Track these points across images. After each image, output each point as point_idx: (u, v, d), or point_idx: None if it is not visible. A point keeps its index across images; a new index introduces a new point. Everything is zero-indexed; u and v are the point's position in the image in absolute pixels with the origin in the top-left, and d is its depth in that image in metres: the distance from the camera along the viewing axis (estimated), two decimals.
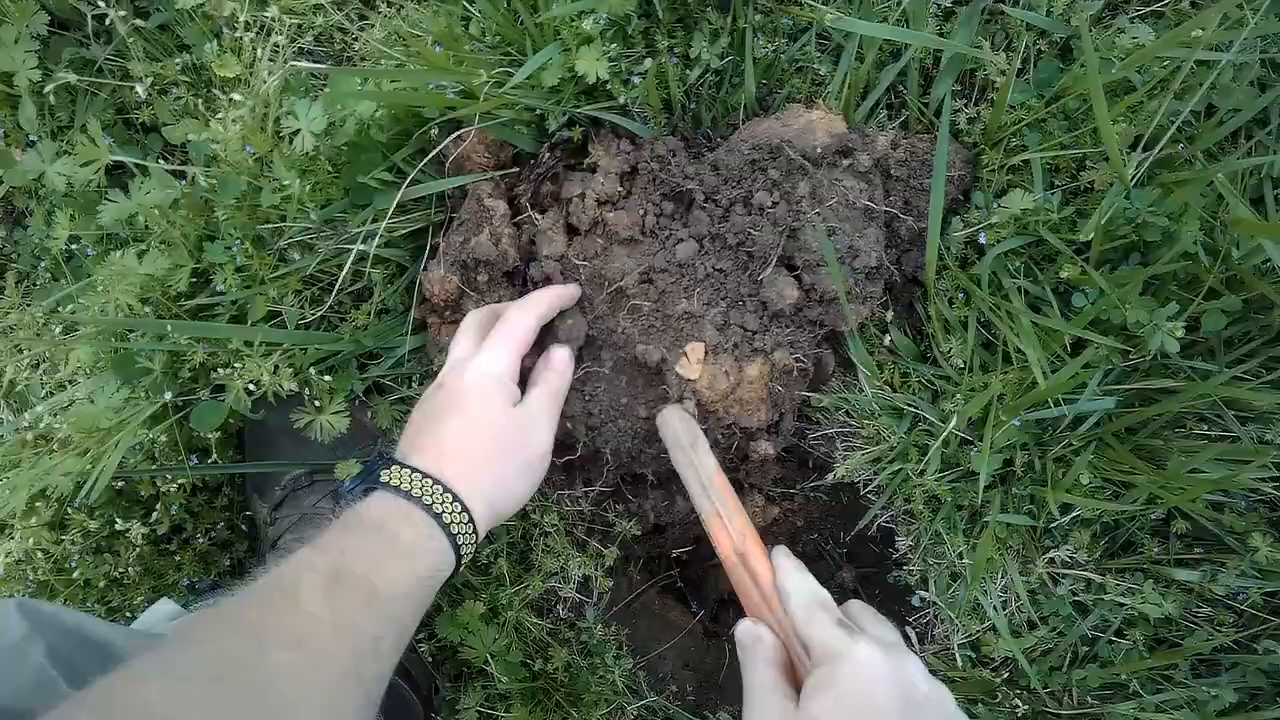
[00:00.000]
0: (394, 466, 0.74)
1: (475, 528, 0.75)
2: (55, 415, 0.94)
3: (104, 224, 0.91)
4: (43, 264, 1.08)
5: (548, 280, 0.96)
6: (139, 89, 0.93)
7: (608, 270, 0.95)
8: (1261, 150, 0.87)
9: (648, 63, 0.94)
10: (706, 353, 0.92)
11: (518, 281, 0.99)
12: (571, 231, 0.99)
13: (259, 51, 0.98)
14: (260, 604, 0.62)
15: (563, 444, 0.97)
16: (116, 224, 0.96)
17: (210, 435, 0.96)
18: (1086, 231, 0.85)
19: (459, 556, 0.74)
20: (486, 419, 0.81)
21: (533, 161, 0.99)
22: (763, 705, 0.68)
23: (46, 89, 0.91)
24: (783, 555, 0.81)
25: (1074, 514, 0.94)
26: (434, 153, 0.92)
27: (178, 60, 1.02)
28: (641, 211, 0.96)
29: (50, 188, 0.92)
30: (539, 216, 0.99)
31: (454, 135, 0.92)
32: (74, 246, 1.02)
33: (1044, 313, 0.90)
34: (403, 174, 0.95)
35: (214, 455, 0.99)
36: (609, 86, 0.94)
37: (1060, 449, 0.92)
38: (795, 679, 0.71)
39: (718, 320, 0.93)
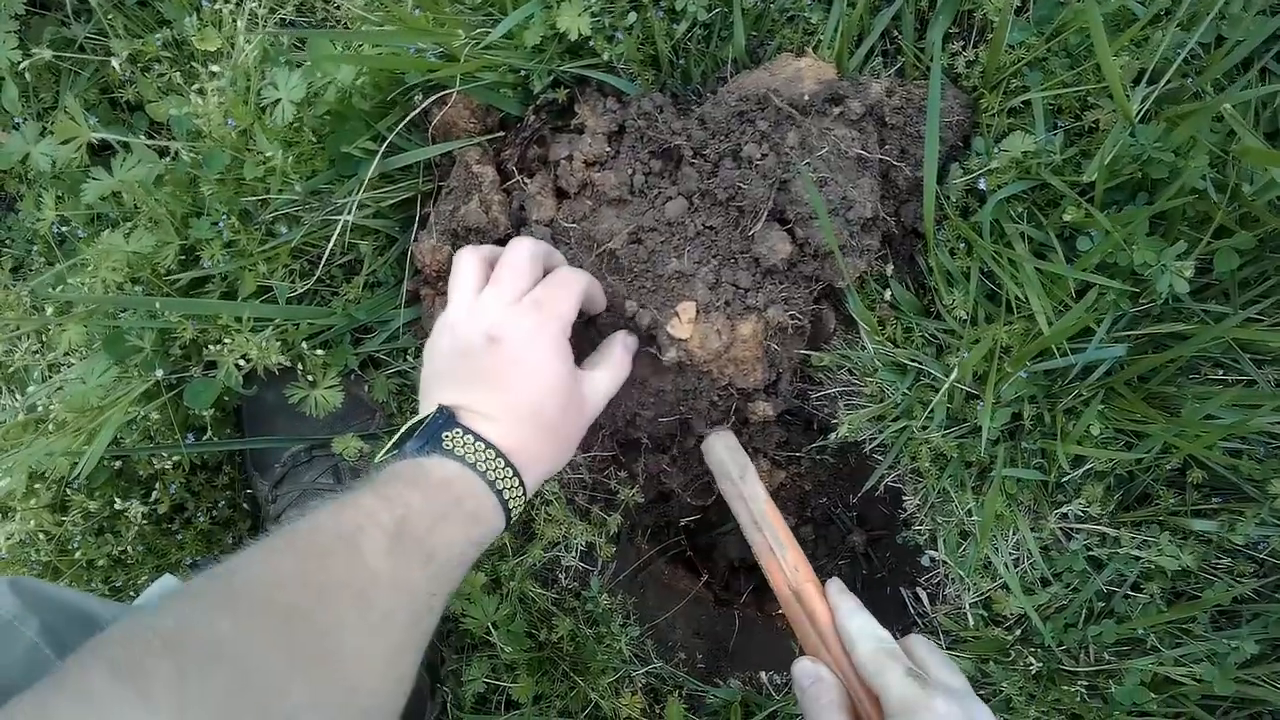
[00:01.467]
0: (457, 430, 0.72)
1: (525, 498, 0.76)
2: (50, 397, 0.94)
3: (88, 202, 0.90)
4: (35, 248, 1.08)
5: None
6: (115, 63, 0.92)
7: (597, 231, 0.93)
8: (1274, 80, 0.83)
9: (632, 17, 0.92)
10: (698, 312, 0.90)
11: None
12: (561, 194, 0.97)
13: (239, 24, 0.96)
14: (321, 552, 0.60)
15: None
16: (103, 203, 0.96)
17: (205, 413, 0.95)
18: (1090, 172, 0.82)
19: (507, 523, 0.74)
20: (556, 396, 0.77)
21: (519, 125, 0.97)
22: None
23: (23, 66, 0.90)
24: (841, 593, 0.80)
25: (1086, 467, 0.91)
26: (412, 114, 0.90)
27: (158, 36, 1.01)
28: (630, 170, 0.94)
29: (36, 169, 0.91)
30: (527, 181, 0.97)
31: (435, 97, 0.90)
32: (65, 229, 1.01)
33: (1048, 259, 0.87)
34: (389, 144, 0.93)
35: (210, 433, 0.98)
36: (593, 43, 0.91)
37: (1070, 400, 0.89)
38: None
39: (709, 278, 0.90)
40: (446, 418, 0.73)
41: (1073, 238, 0.86)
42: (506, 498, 0.72)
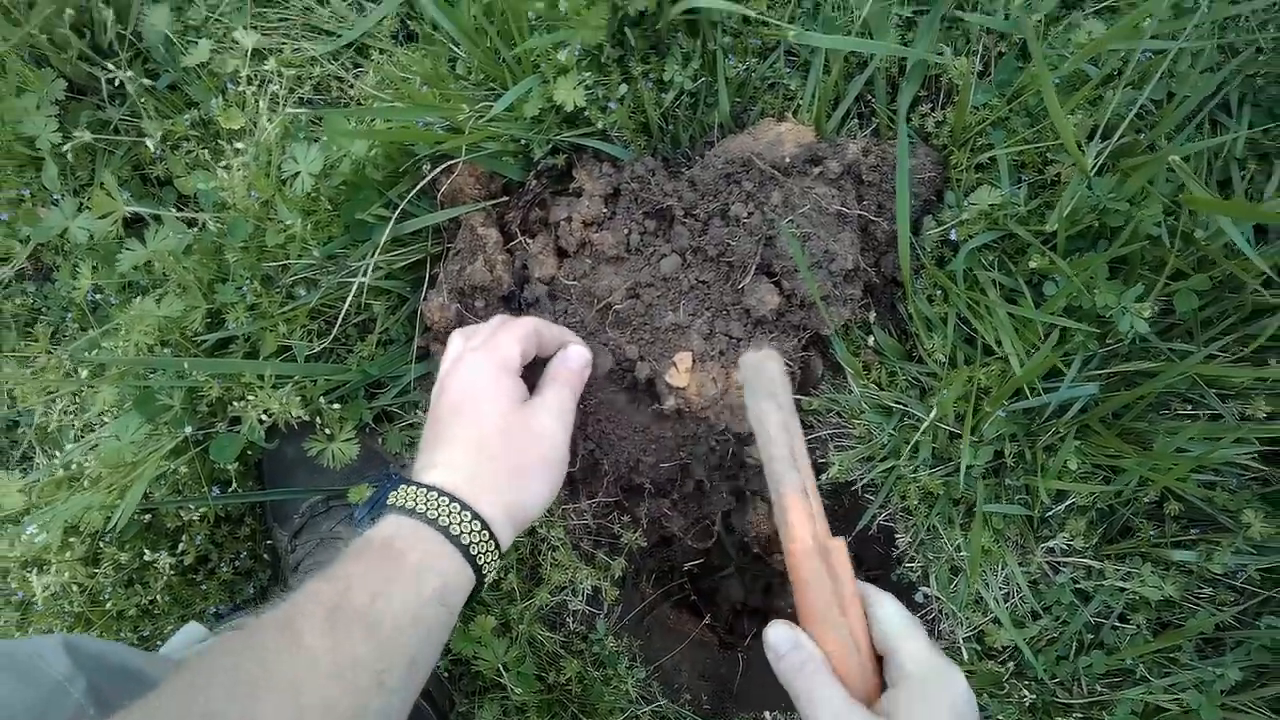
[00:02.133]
0: (402, 487, 0.70)
1: (495, 540, 0.71)
2: (85, 455, 1.00)
3: (123, 271, 0.97)
4: (70, 315, 1.15)
5: (538, 302, 1.00)
6: (149, 143, 1.00)
7: (596, 288, 0.99)
8: (1223, 132, 0.89)
9: (623, 88, 0.99)
10: (694, 361, 0.95)
11: (513, 305, 1.03)
12: (561, 254, 1.04)
13: (261, 104, 1.04)
14: (259, 646, 0.58)
15: None
16: (135, 271, 1.03)
17: (230, 466, 1.01)
18: (1052, 222, 0.87)
19: (480, 571, 0.70)
20: (493, 420, 0.75)
21: (521, 189, 1.04)
22: (833, 706, 0.63)
23: (66, 148, 0.98)
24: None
25: (1068, 501, 0.95)
26: (421, 184, 0.97)
27: (187, 116, 1.09)
28: (625, 230, 1.00)
29: (73, 241, 0.99)
30: (529, 241, 1.03)
31: (443, 167, 0.97)
32: (99, 297, 1.08)
33: (1019, 304, 0.92)
34: (401, 210, 1.00)
35: (234, 485, 1.04)
36: (588, 114, 0.98)
37: (1049, 438, 0.94)
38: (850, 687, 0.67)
39: (703, 329, 0.96)
40: (395, 483, 0.72)
41: (1040, 283, 0.91)
42: (455, 532, 0.68)
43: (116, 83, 1.03)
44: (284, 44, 1.12)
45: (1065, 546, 0.96)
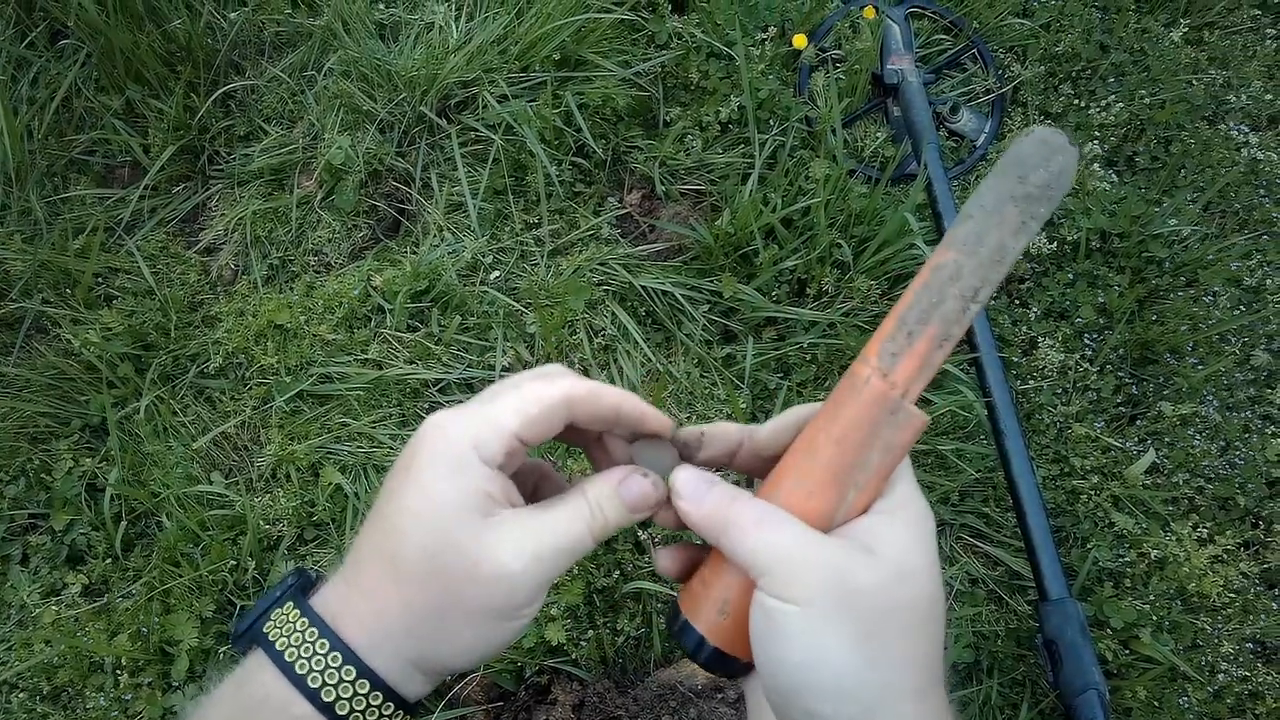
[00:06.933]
0: (288, 606, 0.50)
1: (396, 700, 0.49)
2: None
3: None
4: None
5: None
6: None
7: None
8: None
9: (591, 633, 1.49)
10: None
11: None
12: None
13: None
14: None
15: None
16: None
17: None
18: None
19: None
20: (420, 533, 0.48)
21: (513, 696, 1.47)
22: (791, 533, 0.48)
23: (200, 648, 1.41)
24: None
25: None
26: (449, 697, 1.40)
27: None
28: None
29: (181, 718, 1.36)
30: None
31: (461, 683, 1.42)
32: None
33: None
34: None
35: None
36: (565, 647, 1.46)
37: None
38: None
39: None
40: (296, 585, 0.52)
41: None
42: (329, 698, 0.47)
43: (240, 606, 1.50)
44: None
45: None
